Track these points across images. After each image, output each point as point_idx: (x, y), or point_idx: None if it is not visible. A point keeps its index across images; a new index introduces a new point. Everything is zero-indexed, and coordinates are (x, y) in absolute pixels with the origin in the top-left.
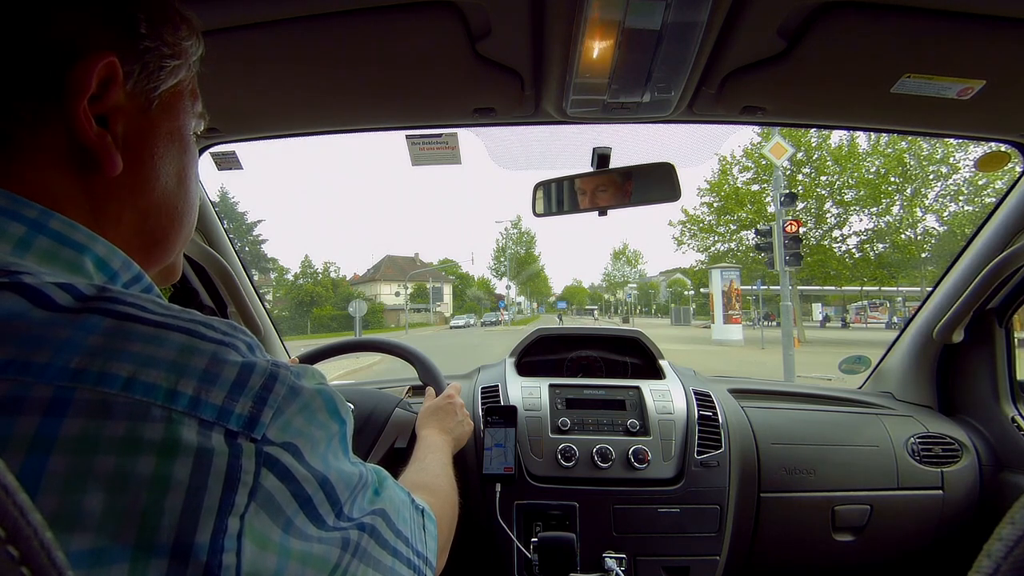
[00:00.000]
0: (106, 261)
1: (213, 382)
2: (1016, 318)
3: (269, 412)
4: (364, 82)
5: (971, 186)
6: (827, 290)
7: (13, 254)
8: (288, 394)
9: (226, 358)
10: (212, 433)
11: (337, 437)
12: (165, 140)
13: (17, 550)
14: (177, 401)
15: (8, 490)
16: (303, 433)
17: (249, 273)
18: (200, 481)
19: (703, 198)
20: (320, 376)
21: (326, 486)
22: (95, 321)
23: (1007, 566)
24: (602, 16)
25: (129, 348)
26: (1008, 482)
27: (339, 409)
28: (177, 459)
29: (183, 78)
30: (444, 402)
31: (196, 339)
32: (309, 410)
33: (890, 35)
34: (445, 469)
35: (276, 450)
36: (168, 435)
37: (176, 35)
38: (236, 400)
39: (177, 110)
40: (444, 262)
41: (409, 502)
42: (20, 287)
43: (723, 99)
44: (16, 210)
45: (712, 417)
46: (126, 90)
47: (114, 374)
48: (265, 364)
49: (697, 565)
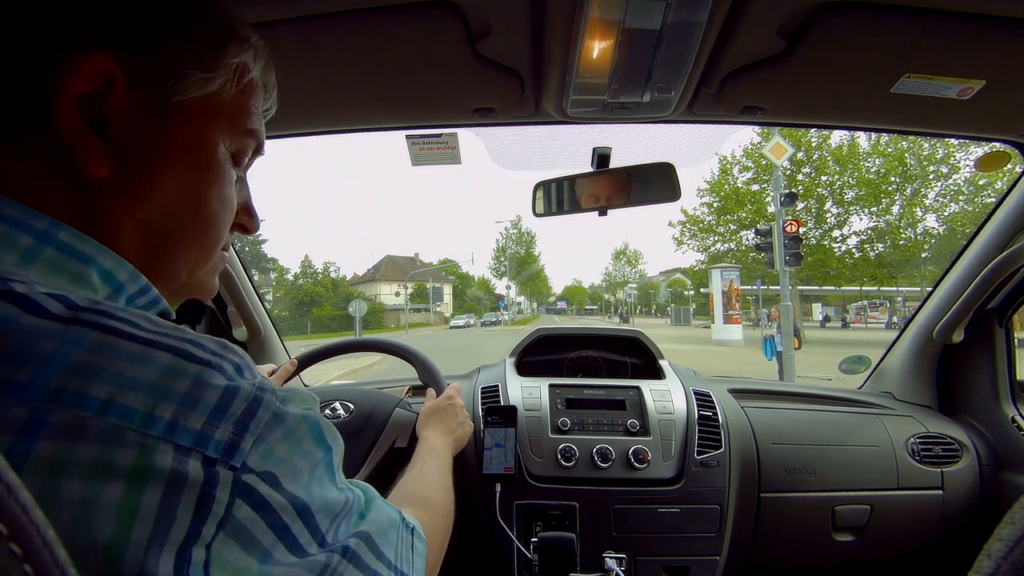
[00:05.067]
0: (112, 273)
1: (193, 406)
2: (1016, 318)
3: (250, 439)
4: (364, 82)
5: (971, 186)
6: (827, 290)
7: (19, 265)
8: (271, 420)
9: (209, 381)
10: (188, 459)
11: (322, 464)
12: (177, 150)
13: (20, 548)
14: (153, 426)
15: (10, 488)
16: (285, 461)
17: (249, 273)
18: (169, 511)
19: (703, 198)
20: (310, 400)
21: (306, 515)
22: (82, 335)
23: (1007, 566)
24: (602, 16)
25: (112, 367)
26: (1008, 482)
27: (325, 436)
28: (147, 487)
29: (215, 92)
30: (444, 403)
31: (182, 360)
32: (293, 438)
33: (890, 35)
34: (444, 476)
35: (254, 479)
36: (140, 461)
37: (215, 49)
38: (216, 426)
39: (200, 122)
40: (444, 262)
41: (399, 521)
42: (11, 295)
43: (723, 99)
44: (26, 221)
45: (712, 417)
46: (131, 94)
47: (92, 396)
48: (250, 388)
49: (697, 565)
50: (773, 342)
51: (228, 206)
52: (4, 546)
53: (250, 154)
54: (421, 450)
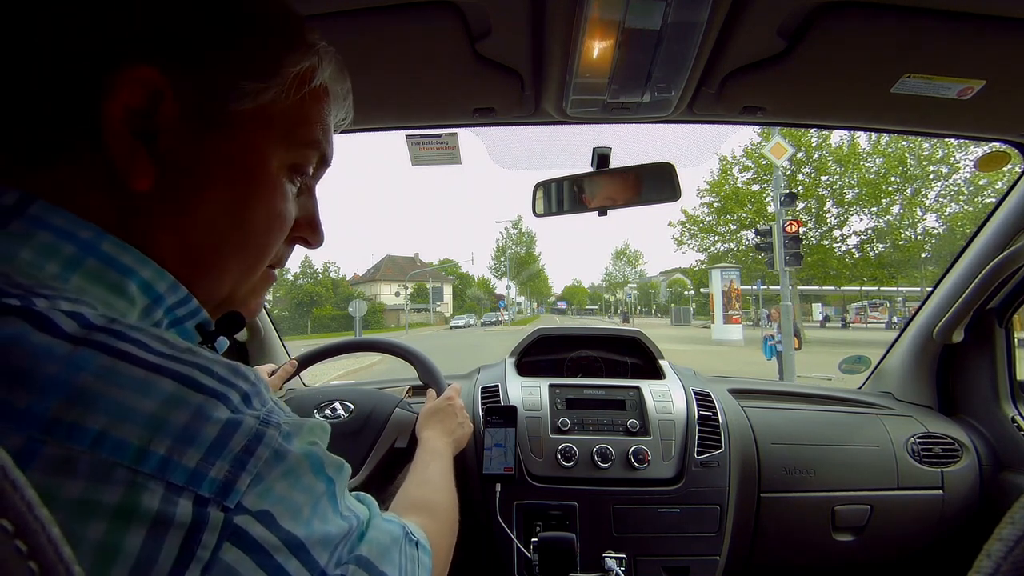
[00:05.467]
0: (151, 284)
1: (190, 442)
2: (1016, 318)
3: (247, 478)
4: (364, 82)
5: (971, 186)
6: (827, 290)
7: (60, 274)
8: (272, 458)
9: (211, 414)
10: (179, 499)
11: (325, 497)
12: (223, 163)
13: (25, 544)
14: (146, 462)
15: (16, 485)
16: (283, 500)
17: None
18: (151, 555)
19: (703, 198)
20: (318, 432)
21: (301, 552)
22: (88, 357)
23: (1007, 566)
24: (602, 16)
25: (111, 395)
26: (1008, 482)
27: (326, 468)
28: (130, 528)
29: (271, 102)
30: (444, 404)
31: (185, 388)
32: (294, 475)
33: (890, 35)
34: (447, 479)
35: (247, 520)
36: (126, 500)
37: (270, 58)
38: (212, 463)
39: (251, 134)
40: (444, 262)
41: (402, 537)
42: (27, 312)
43: (723, 99)
44: (73, 230)
45: (712, 417)
46: (180, 106)
47: (86, 428)
48: (252, 423)
49: (697, 565)
50: (772, 342)
51: (279, 221)
52: (10, 543)
53: (314, 165)
54: (422, 452)
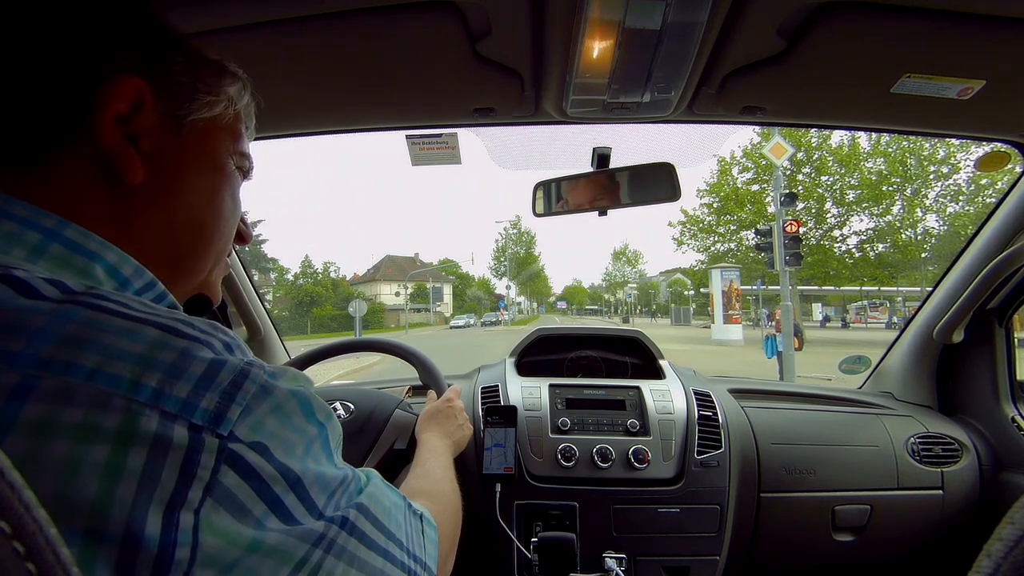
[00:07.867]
0: (117, 268)
1: (179, 376)
2: (1016, 318)
3: (237, 409)
4: (364, 82)
5: (971, 186)
6: (827, 290)
7: (26, 260)
8: (259, 393)
9: (196, 354)
10: (174, 425)
11: (318, 441)
12: (194, 160)
13: (23, 545)
14: (140, 392)
15: (13, 487)
16: (276, 434)
17: (249, 273)
18: (153, 472)
19: (703, 198)
20: (301, 379)
21: (298, 487)
22: (74, 312)
23: (1007, 566)
24: (602, 16)
25: (101, 340)
26: (1008, 482)
27: (315, 412)
28: (132, 448)
29: (220, 114)
30: (444, 405)
31: (170, 335)
32: (282, 412)
33: (890, 35)
34: (447, 473)
35: (242, 448)
36: (125, 424)
37: (215, 79)
38: (202, 395)
39: (211, 137)
40: (444, 262)
41: (404, 506)
42: (10, 279)
43: (723, 99)
44: (34, 219)
45: (712, 417)
46: (157, 113)
47: (81, 364)
48: (237, 362)
49: (697, 565)
50: (774, 340)
51: (238, 207)
52: (7, 544)
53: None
54: (422, 451)
